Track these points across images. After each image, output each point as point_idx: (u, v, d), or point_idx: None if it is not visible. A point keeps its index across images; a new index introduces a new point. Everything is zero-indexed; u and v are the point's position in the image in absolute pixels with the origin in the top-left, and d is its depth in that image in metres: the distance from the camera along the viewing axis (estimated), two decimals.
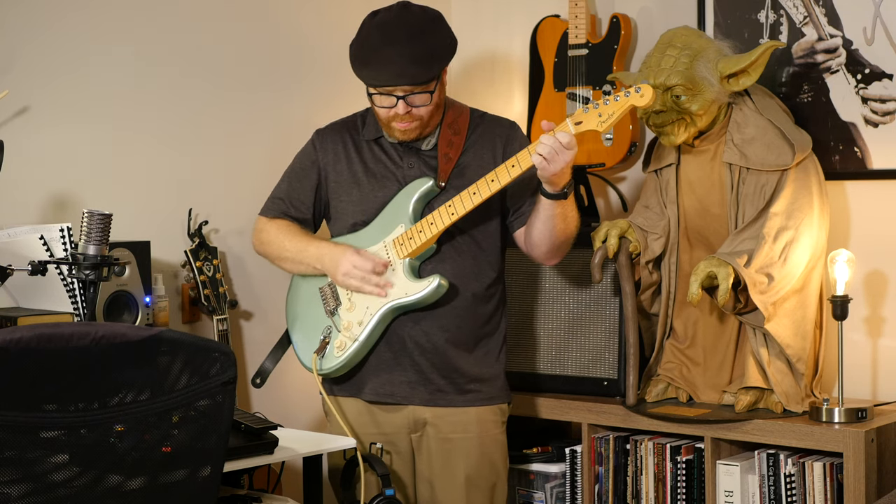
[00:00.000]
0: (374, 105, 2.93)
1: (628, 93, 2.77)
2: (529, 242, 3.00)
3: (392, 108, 2.88)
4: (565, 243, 2.99)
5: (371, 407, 3.00)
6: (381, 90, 2.87)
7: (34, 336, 1.82)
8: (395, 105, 2.87)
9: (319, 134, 3.09)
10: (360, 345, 2.92)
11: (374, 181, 2.99)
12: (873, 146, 3.25)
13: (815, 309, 3.13)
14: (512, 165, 2.83)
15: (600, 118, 2.78)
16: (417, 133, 2.94)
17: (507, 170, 2.84)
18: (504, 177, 2.84)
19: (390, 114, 2.89)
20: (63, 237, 2.80)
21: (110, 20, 3.22)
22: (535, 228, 2.95)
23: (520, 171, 2.83)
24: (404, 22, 2.87)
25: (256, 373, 3.13)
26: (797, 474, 3.00)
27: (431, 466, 3.00)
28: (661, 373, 3.29)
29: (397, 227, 2.93)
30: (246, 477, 2.80)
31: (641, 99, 2.77)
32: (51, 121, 3.09)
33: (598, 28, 3.70)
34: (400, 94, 2.85)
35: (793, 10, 3.35)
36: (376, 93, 2.88)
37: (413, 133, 2.93)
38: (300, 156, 3.10)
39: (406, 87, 2.85)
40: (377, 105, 2.91)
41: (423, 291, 2.88)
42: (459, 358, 2.96)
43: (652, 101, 2.79)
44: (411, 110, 2.88)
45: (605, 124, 2.78)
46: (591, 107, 2.79)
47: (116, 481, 1.96)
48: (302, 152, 3.10)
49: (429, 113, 2.91)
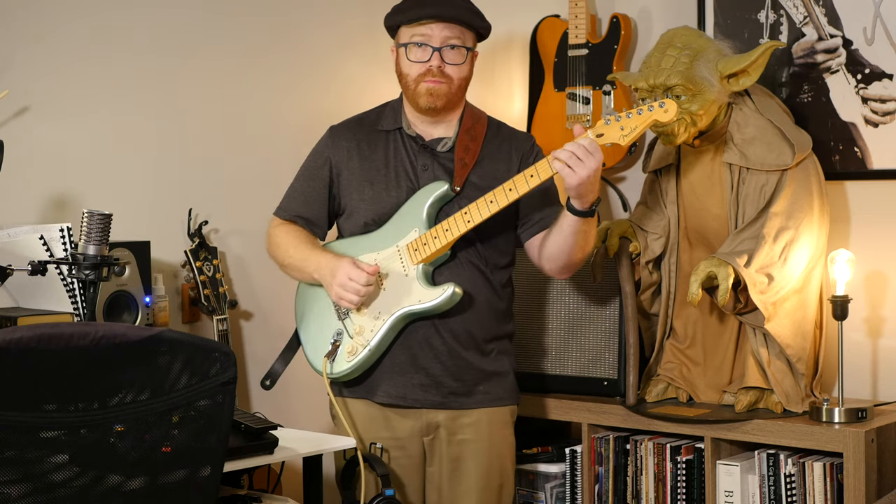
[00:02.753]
0: (405, 61, 2.90)
1: (652, 107, 2.75)
2: (545, 255, 2.97)
3: (426, 63, 2.87)
4: (581, 261, 2.97)
5: (384, 410, 2.98)
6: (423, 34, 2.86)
7: (34, 336, 1.82)
8: (430, 59, 2.87)
9: (333, 131, 3.08)
10: (371, 351, 2.91)
11: (388, 180, 2.97)
12: (873, 146, 3.25)
13: (815, 309, 3.13)
14: (531, 175, 2.80)
15: (622, 131, 2.75)
16: (444, 100, 2.92)
17: (525, 179, 2.81)
18: (522, 187, 2.81)
19: (422, 69, 2.89)
20: (63, 237, 2.80)
21: (110, 20, 3.22)
22: (553, 242, 2.92)
23: (538, 181, 2.80)
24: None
25: (266, 375, 3.11)
26: (797, 474, 3.00)
27: (443, 468, 3.00)
28: (661, 373, 3.29)
29: (411, 232, 2.91)
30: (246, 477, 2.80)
31: (665, 114, 2.75)
32: (51, 120, 3.09)
33: (598, 28, 3.70)
34: (436, 45, 2.86)
35: (793, 10, 3.35)
36: (414, 41, 2.87)
37: (440, 99, 2.91)
38: (313, 154, 3.09)
39: (447, 36, 2.87)
40: (411, 58, 2.89)
41: (437, 299, 2.86)
42: (472, 360, 2.96)
43: (676, 118, 2.79)
44: (444, 67, 2.88)
45: (627, 138, 2.76)
46: (612, 119, 2.76)
47: (116, 481, 1.96)
48: (315, 150, 3.08)
49: (459, 78, 2.92)
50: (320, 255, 2.96)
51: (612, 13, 3.64)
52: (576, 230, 2.85)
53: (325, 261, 2.93)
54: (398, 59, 2.95)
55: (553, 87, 3.70)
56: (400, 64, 2.94)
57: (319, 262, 2.94)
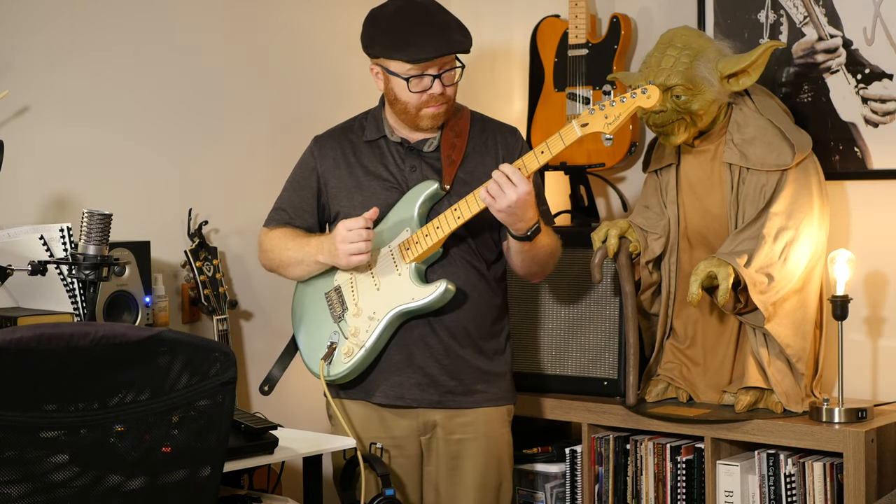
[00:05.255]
0: (405, 92, 2.89)
1: (634, 94, 2.77)
2: (508, 260, 3.03)
3: (427, 91, 2.87)
4: (540, 272, 3.02)
5: (381, 410, 2.99)
6: (422, 68, 2.84)
7: (34, 336, 1.82)
8: (431, 86, 2.87)
9: (317, 141, 3.09)
10: (367, 351, 2.91)
11: (376, 185, 2.98)
12: (873, 146, 3.25)
13: (815, 309, 3.13)
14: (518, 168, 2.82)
15: (606, 119, 2.77)
16: (444, 119, 2.94)
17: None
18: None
19: (423, 98, 2.89)
20: (63, 237, 2.80)
21: (110, 20, 3.22)
22: (508, 253, 2.97)
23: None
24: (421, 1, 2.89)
25: (264, 380, 3.11)
26: (797, 474, 3.00)
27: (440, 468, 3.00)
28: (661, 373, 3.29)
29: (402, 232, 2.92)
30: (246, 477, 2.80)
31: (648, 100, 2.77)
32: (50, 120, 3.09)
33: (598, 28, 3.70)
34: (434, 73, 2.86)
35: (793, 10, 3.35)
36: (412, 73, 2.86)
37: (441, 118, 2.93)
38: (299, 165, 3.09)
39: (444, 61, 2.86)
40: (413, 90, 2.88)
41: (430, 297, 2.87)
42: (468, 359, 2.96)
43: (658, 103, 2.79)
44: (445, 90, 2.89)
45: (612, 126, 2.77)
46: (596, 108, 2.79)
47: (116, 481, 1.96)
48: (301, 161, 3.09)
49: (454, 94, 2.94)
50: (319, 236, 2.98)
51: (612, 13, 3.64)
52: (518, 250, 2.90)
53: (324, 237, 2.94)
54: (392, 86, 2.92)
55: (553, 87, 3.70)
56: (395, 91, 2.91)
57: (320, 241, 2.95)
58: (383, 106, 3.04)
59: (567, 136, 2.79)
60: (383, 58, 2.90)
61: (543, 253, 2.94)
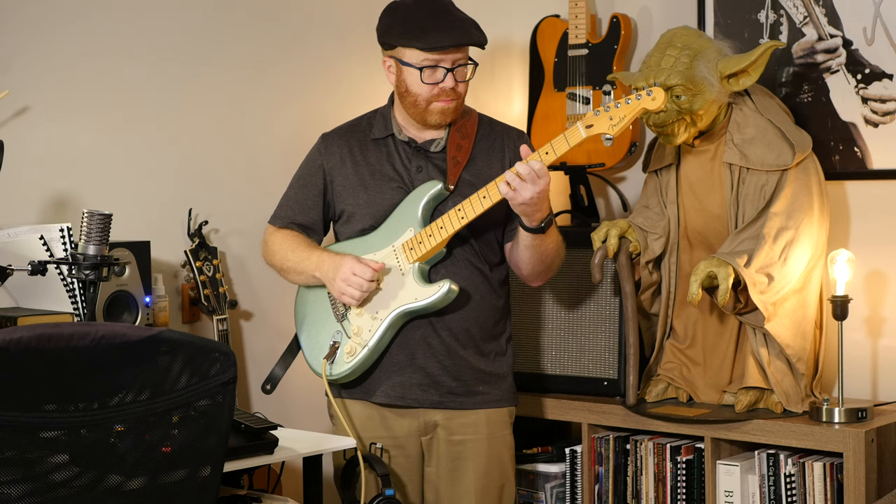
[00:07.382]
0: (416, 82, 2.88)
1: (640, 96, 2.76)
2: (511, 262, 3.02)
3: (439, 84, 2.87)
4: (545, 272, 3.01)
5: (382, 410, 2.99)
6: (436, 58, 2.85)
7: (34, 336, 1.82)
8: (443, 79, 2.87)
9: (325, 138, 3.09)
10: (369, 350, 2.91)
11: (382, 184, 2.98)
12: (873, 146, 3.25)
13: (815, 309, 3.13)
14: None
15: (611, 121, 2.77)
16: (454, 115, 2.94)
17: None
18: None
19: (434, 91, 2.89)
20: (63, 237, 2.80)
21: (110, 20, 3.22)
22: (515, 251, 2.97)
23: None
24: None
25: (266, 379, 3.12)
26: (797, 474, 3.00)
27: (440, 468, 3.00)
28: (661, 373, 3.29)
29: (406, 231, 2.92)
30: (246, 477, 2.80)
31: (653, 102, 2.76)
32: (51, 120, 3.09)
33: (598, 28, 3.70)
34: (448, 66, 2.87)
35: (793, 10, 3.35)
36: (426, 64, 2.86)
37: (450, 115, 2.93)
38: (306, 161, 3.09)
39: (458, 57, 2.87)
40: (425, 81, 2.88)
41: (433, 297, 2.87)
42: (470, 360, 2.96)
43: (663, 105, 2.79)
44: (457, 85, 2.89)
45: (617, 128, 2.77)
46: (601, 109, 2.78)
47: (116, 481, 1.96)
48: (307, 158, 3.09)
49: (465, 92, 2.94)
50: (320, 253, 2.97)
51: (612, 13, 3.64)
52: (528, 245, 2.90)
53: (327, 258, 2.94)
54: (404, 77, 2.92)
55: (553, 87, 3.70)
56: (407, 82, 2.91)
57: (321, 259, 2.94)
58: (392, 104, 3.04)
59: (572, 137, 2.79)
60: (399, 46, 2.90)
61: (551, 250, 2.94)
